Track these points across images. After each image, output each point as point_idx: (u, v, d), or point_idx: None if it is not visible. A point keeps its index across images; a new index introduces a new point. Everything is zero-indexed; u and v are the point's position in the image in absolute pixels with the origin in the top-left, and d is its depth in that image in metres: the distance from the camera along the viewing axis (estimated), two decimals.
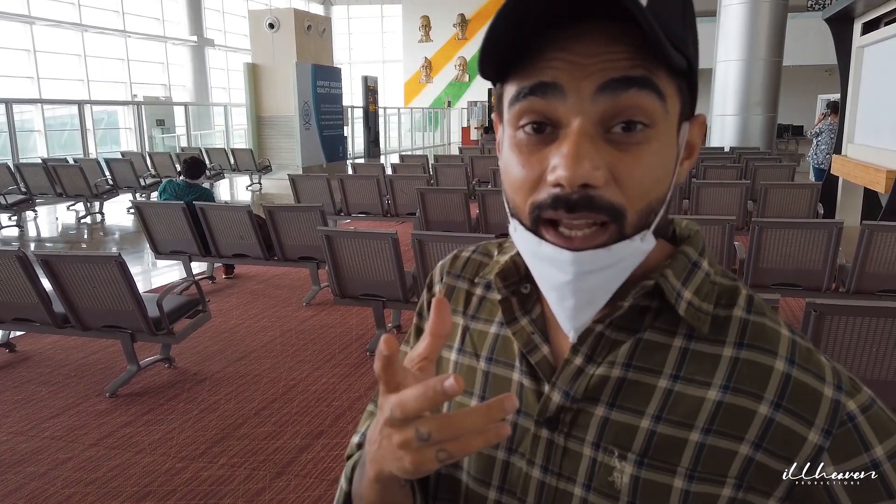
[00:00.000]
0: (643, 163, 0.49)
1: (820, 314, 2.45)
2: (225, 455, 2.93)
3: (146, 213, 5.45)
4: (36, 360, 4.10)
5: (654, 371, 0.55)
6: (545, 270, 0.53)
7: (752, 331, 0.55)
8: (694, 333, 0.56)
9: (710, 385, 0.54)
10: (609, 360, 0.57)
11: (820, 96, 16.31)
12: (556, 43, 0.49)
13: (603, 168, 0.48)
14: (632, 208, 0.50)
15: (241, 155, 13.23)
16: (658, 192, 0.51)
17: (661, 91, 0.49)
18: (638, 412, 0.55)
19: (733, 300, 0.57)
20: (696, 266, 0.58)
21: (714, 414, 0.53)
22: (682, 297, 0.56)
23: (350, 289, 4.20)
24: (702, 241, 0.60)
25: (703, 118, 0.57)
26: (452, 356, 0.67)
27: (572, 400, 0.57)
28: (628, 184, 0.49)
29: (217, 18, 23.16)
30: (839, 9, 7.48)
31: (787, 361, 0.54)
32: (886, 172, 5.97)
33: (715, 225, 4.24)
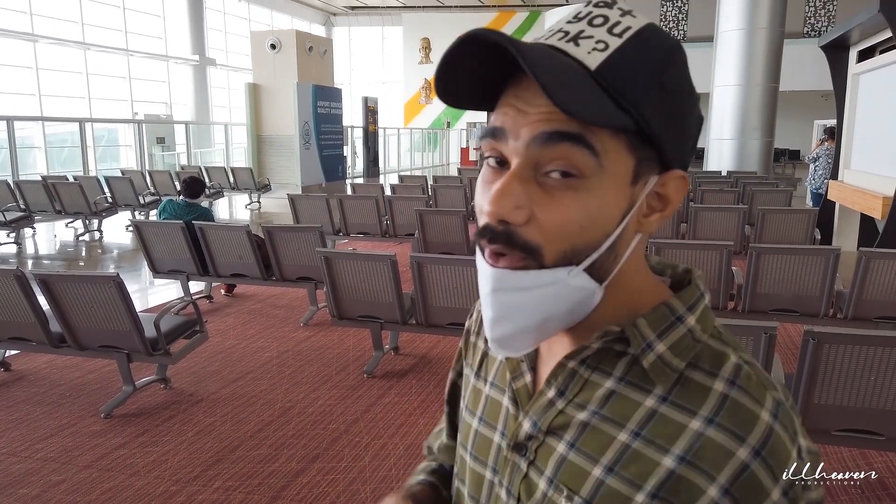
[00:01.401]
0: (565, 209, 0.52)
1: (818, 342, 2.45)
2: (220, 478, 2.91)
3: (145, 232, 5.46)
4: (31, 380, 4.07)
5: (618, 424, 0.56)
6: (480, 281, 0.57)
7: (728, 408, 0.53)
8: (668, 396, 0.55)
9: (667, 452, 0.53)
10: (578, 402, 0.59)
11: (816, 121, 16.44)
12: (515, 88, 0.54)
13: (526, 208, 0.52)
14: (549, 248, 0.53)
15: (241, 173, 13.27)
16: (585, 238, 0.53)
17: (593, 147, 0.51)
18: (593, 459, 0.56)
19: (717, 367, 0.56)
20: (679, 320, 0.57)
21: (664, 481, 0.53)
22: (653, 349, 0.56)
23: (348, 310, 4.19)
24: (697, 295, 0.59)
25: (682, 174, 0.57)
26: (472, 380, 0.74)
27: (538, 430, 0.60)
28: (546, 225, 0.52)
29: (219, 38, 23.37)
30: (835, 37, 7.57)
31: (752, 452, 0.51)
32: (883, 198, 6.01)
33: (713, 250, 4.25)
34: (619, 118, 0.51)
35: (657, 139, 0.53)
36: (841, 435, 2.60)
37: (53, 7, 16.61)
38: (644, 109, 0.52)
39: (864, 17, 6.30)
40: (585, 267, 0.54)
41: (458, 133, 28.03)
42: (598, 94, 0.51)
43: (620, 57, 0.52)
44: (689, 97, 0.56)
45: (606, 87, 0.51)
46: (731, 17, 11.79)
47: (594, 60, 0.52)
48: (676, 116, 0.54)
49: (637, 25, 0.54)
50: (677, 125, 0.55)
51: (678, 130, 0.55)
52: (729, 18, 11.83)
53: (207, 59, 21.17)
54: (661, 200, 0.57)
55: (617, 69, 0.52)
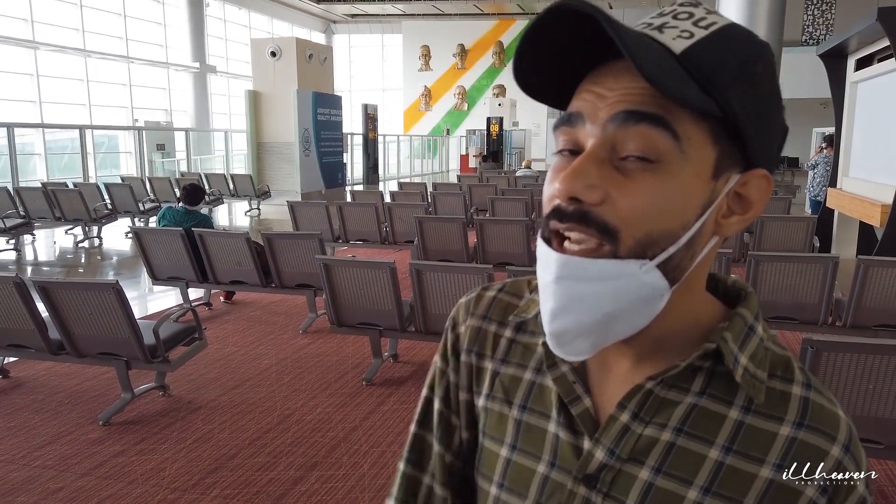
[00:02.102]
0: (643, 192, 0.50)
1: (817, 351, 2.45)
2: (218, 486, 2.90)
3: (144, 239, 5.46)
4: (29, 387, 4.07)
5: (707, 440, 0.55)
6: (541, 272, 0.54)
7: (812, 411, 0.55)
8: (751, 406, 0.55)
9: (763, 462, 0.54)
10: (658, 422, 0.56)
11: (815, 129, 16.48)
12: (593, 77, 0.53)
13: (600, 188, 0.50)
14: (627, 232, 0.50)
15: (241, 180, 13.28)
16: (662, 225, 0.50)
17: (674, 130, 0.49)
18: (686, 481, 0.54)
19: (789, 373, 0.57)
20: (751, 330, 0.57)
21: (765, 492, 0.53)
22: (739, 362, 0.55)
23: (347, 317, 4.19)
24: (757, 303, 0.59)
25: (765, 174, 0.54)
26: (481, 402, 0.67)
27: (616, 458, 0.56)
28: (624, 209, 0.50)
29: (219, 45, 23.44)
30: (833, 45, 7.60)
31: (843, 448, 0.54)
32: (881, 206, 6.01)
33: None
34: (704, 101, 0.49)
35: (742, 130, 0.51)
36: None
37: (54, 14, 16.67)
38: (729, 95, 0.50)
39: (861, 26, 6.32)
40: (660, 262, 0.50)
41: (458, 140, 28.08)
42: (683, 75, 0.49)
43: (706, 44, 0.50)
44: (776, 98, 0.54)
45: (692, 71, 0.49)
46: None
47: (679, 45, 0.50)
48: (762, 113, 0.52)
49: (722, 22, 0.52)
50: (763, 122, 0.53)
51: (764, 127, 0.53)
52: None
53: (208, 67, 21.24)
54: (741, 202, 0.54)
55: (703, 55, 0.50)
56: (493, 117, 24.20)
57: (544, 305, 0.53)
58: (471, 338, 0.69)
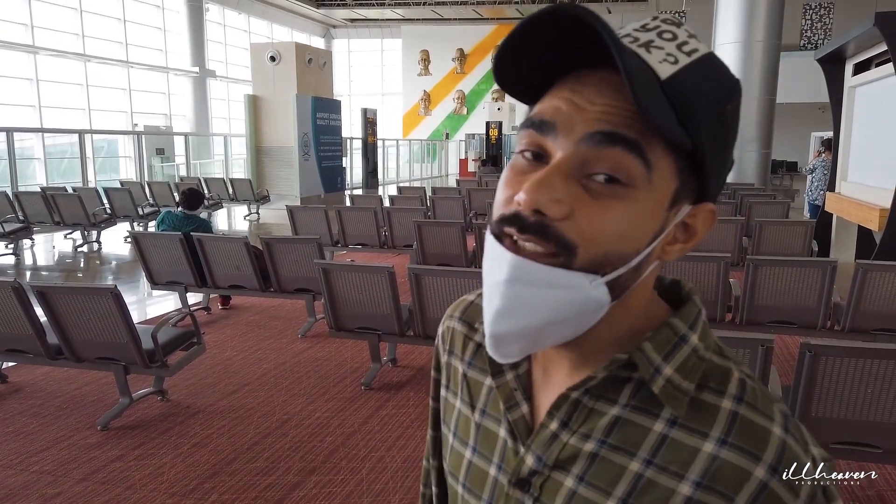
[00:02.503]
0: (608, 215, 0.50)
1: (815, 355, 2.46)
2: (216, 491, 2.89)
3: (143, 243, 5.46)
4: (27, 392, 4.06)
5: (629, 452, 0.54)
6: (489, 268, 0.53)
7: (739, 427, 0.52)
8: (677, 419, 0.54)
9: (682, 478, 0.52)
10: (583, 432, 0.56)
11: (814, 133, 16.51)
12: (572, 84, 0.52)
13: (565, 204, 0.49)
14: (584, 250, 0.50)
15: (240, 185, 13.29)
16: (619, 247, 0.51)
17: (647, 158, 0.49)
18: (605, 492, 0.54)
19: (723, 385, 0.55)
20: (682, 340, 0.55)
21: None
22: (662, 373, 0.54)
23: (346, 321, 4.19)
24: (696, 312, 0.58)
25: (712, 208, 0.55)
26: (457, 403, 0.69)
27: (544, 465, 0.57)
28: (585, 228, 0.49)
29: (219, 50, 23.48)
30: (831, 50, 7.62)
31: (768, 470, 0.51)
32: (880, 210, 6.02)
33: (710, 262, 4.26)
34: (681, 134, 0.49)
35: (706, 166, 0.52)
36: (838, 448, 2.60)
37: (54, 19, 16.70)
38: (702, 132, 0.50)
39: (859, 31, 6.34)
40: (609, 280, 0.51)
41: (457, 144, 28.11)
42: (665, 103, 0.49)
43: (689, 73, 0.50)
44: (735, 137, 0.55)
45: (672, 100, 0.49)
46: (728, 29, 11.86)
47: (665, 71, 0.50)
48: (723, 150, 0.53)
49: (703, 50, 0.52)
50: (723, 159, 0.54)
51: (722, 164, 0.54)
52: (725, 31, 11.91)
53: (207, 71, 21.27)
54: (686, 231, 0.55)
55: (685, 85, 0.50)
56: (493, 121, 24.24)
57: (489, 305, 0.53)
58: (444, 337, 0.73)
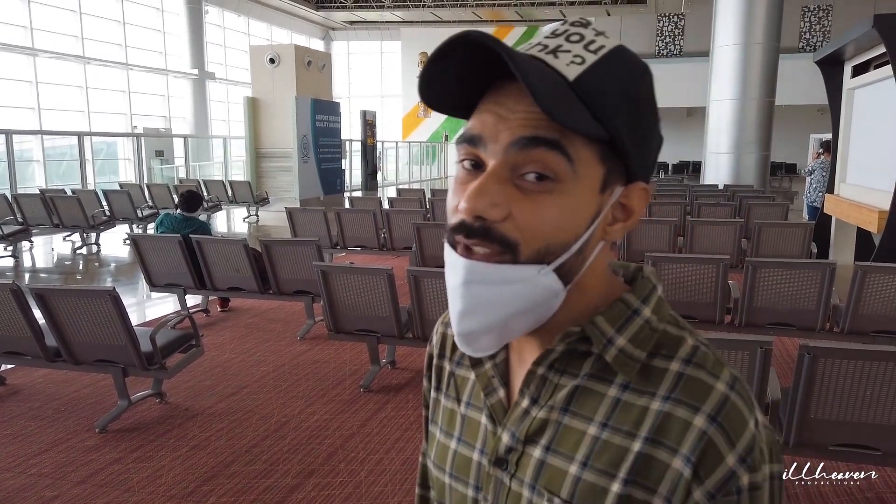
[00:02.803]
0: (542, 209, 0.54)
1: (814, 357, 2.45)
2: (214, 494, 2.89)
3: (142, 246, 5.45)
4: (26, 394, 4.05)
5: (587, 418, 0.58)
6: (448, 274, 0.58)
7: (683, 384, 0.56)
8: (629, 384, 0.58)
9: (635, 436, 0.56)
10: (550, 405, 0.60)
11: (812, 135, 16.52)
12: (495, 95, 0.57)
13: (503, 206, 0.54)
14: (526, 245, 0.55)
15: (239, 187, 13.29)
16: (557, 237, 0.55)
17: (568, 154, 0.54)
18: (568, 457, 0.58)
19: (674, 351, 0.58)
20: (635, 313, 0.60)
21: (634, 465, 0.55)
22: (614, 343, 0.58)
23: (345, 324, 4.19)
24: (649, 288, 0.62)
25: (644, 186, 0.59)
26: (443, 400, 0.74)
27: (517, 441, 0.62)
28: (524, 224, 0.54)
29: (218, 52, 23.49)
30: (829, 52, 7.63)
31: (707, 419, 0.54)
32: (879, 212, 6.02)
33: (709, 264, 4.26)
34: (595, 127, 0.54)
35: (626, 151, 0.56)
36: (837, 450, 2.60)
37: (53, 22, 16.70)
38: (616, 122, 0.55)
39: (858, 33, 6.35)
40: (555, 267, 0.56)
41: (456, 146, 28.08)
42: (576, 102, 0.53)
43: (596, 71, 0.55)
44: (654, 116, 0.59)
45: (583, 98, 0.54)
46: (727, 32, 11.87)
47: (573, 72, 0.54)
48: (643, 132, 0.58)
49: (610, 45, 0.56)
50: (644, 140, 0.58)
51: (644, 145, 0.58)
52: (725, 34, 11.92)
53: (207, 73, 21.27)
54: (624, 211, 0.59)
55: (593, 82, 0.54)
56: None
57: (452, 307, 0.58)
58: (438, 343, 0.77)
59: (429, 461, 0.75)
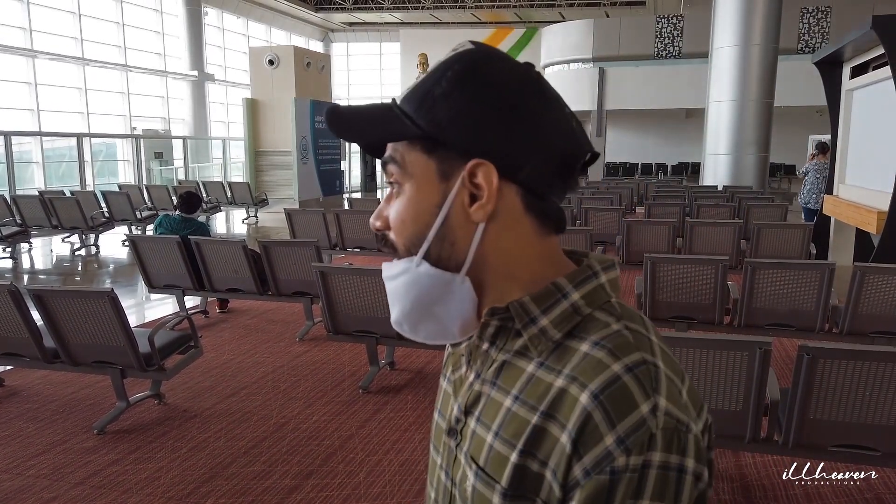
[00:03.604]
0: (394, 210, 0.66)
1: (813, 357, 2.45)
2: (213, 495, 2.88)
3: (140, 247, 5.45)
4: (24, 396, 4.05)
5: (506, 391, 0.62)
6: None
7: (584, 363, 0.58)
8: (545, 361, 0.61)
9: (536, 410, 0.58)
10: (486, 378, 0.65)
11: (811, 137, 16.52)
12: None
13: (382, 218, 0.68)
14: (398, 241, 0.66)
15: (239, 188, 13.29)
16: (410, 230, 0.65)
17: (398, 161, 0.65)
18: (488, 427, 0.62)
19: (591, 333, 0.60)
20: (564, 297, 0.62)
21: (531, 437, 0.58)
22: (537, 323, 0.62)
23: (344, 325, 4.18)
24: (586, 275, 0.64)
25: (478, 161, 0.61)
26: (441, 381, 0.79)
27: (461, 412, 0.67)
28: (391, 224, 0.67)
29: (218, 54, 23.49)
30: (828, 53, 7.63)
31: (591, 396, 0.55)
32: (877, 213, 6.02)
33: (708, 265, 4.26)
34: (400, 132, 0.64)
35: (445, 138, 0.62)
36: (836, 450, 2.59)
37: (52, 24, 16.70)
38: (435, 115, 0.61)
39: (856, 34, 6.35)
40: (423, 256, 0.64)
41: None
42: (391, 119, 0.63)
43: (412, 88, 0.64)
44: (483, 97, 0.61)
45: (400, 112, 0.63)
46: (726, 33, 11.88)
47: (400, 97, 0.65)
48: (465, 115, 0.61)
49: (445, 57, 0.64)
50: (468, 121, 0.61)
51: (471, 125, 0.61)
52: (723, 35, 11.92)
53: (206, 75, 21.27)
54: (480, 190, 0.62)
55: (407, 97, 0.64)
56: None
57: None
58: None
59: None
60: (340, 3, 25.40)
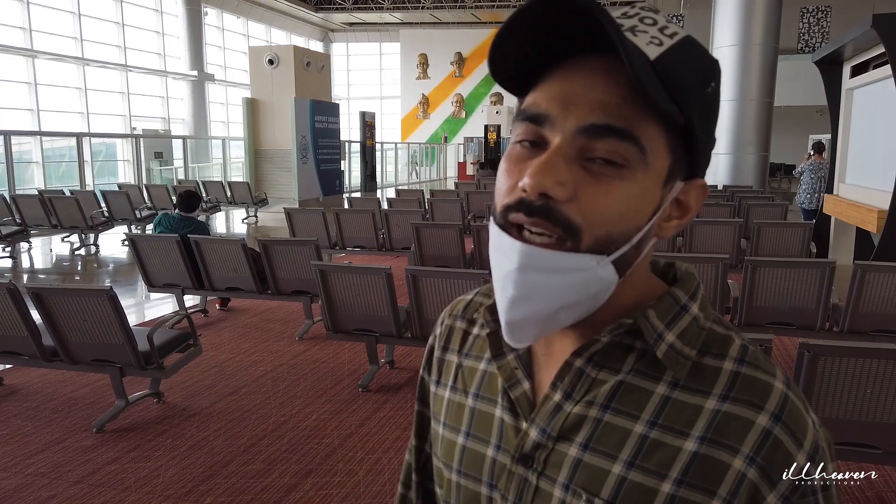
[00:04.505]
0: (609, 195, 0.52)
1: (814, 355, 2.44)
2: (212, 494, 2.87)
3: (140, 246, 5.44)
4: (23, 394, 4.04)
5: (632, 415, 0.55)
6: (499, 259, 0.54)
7: (741, 383, 0.55)
8: (679, 382, 0.56)
9: (688, 435, 0.53)
10: (587, 400, 0.57)
11: (811, 136, 16.52)
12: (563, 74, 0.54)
13: (569, 186, 0.51)
14: (588, 231, 0.52)
15: (238, 188, 13.28)
16: (620, 226, 0.53)
17: (641, 144, 0.52)
18: (611, 456, 0.55)
19: (724, 350, 0.57)
20: (684, 309, 0.58)
21: (688, 465, 0.53)
22: (664, 339, 0.56)
23: (343, 323, 4.17)
24: (695, 284, 0.60)
25: (703, 184, 0.57)
26: (447, 394, 0.70)
27: (548, 437, 0.58)
28: (589, 208, 0.51)
29: (217, 54, 23.48)
30: (828, 52, 7.63)
31: (771, 417, 0.53)
32: (878, 212, 6.02)
33: (709, 263, 4.25)
34: (674, 110, 0.51)
35: (695, 141, 0.54)
36: (837, 448, 2.59)
37: (52, 24, 16.70)
38: (690, 108, 0.52)
39: (856, 33, 6.35)
40: (614, 259, 0.53)
41: (456, 148, 28.12)
42: (657, 82, 0.50)
43: (674, 54, 0.52)
44: (717, 113, 0.57)
45: (663, 79, 0.50)
46: (726, 32, 11.88)
47: (653, 52, 0.51)
48: (709, 125, 0.55)
49: (682, 33, 0.54)
50: (709, 133, 0.56)
51: (708, 139, 0.56)
52: (723, 34, 11.93)
53: (205, 75, 21.26)
54: (680, 208, 0.57)
55: (672, 64, 0.51)
56: (491, 125, 24.26)
57: (502, 293, 0.54)
58: (442, 335, 0.74)
59: (434, 458, 0.72)
60: (340, 3, 25.40)
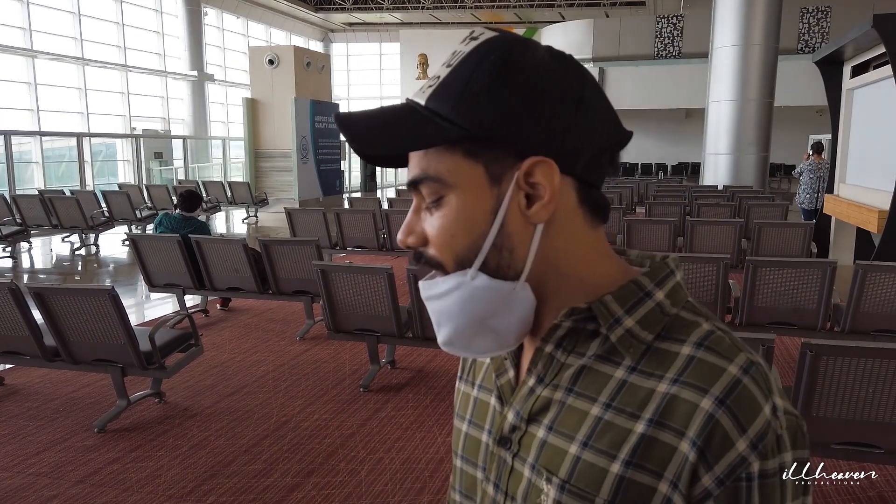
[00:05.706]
0: (437, 225, 0.59)
1: (816, 355, 2.44)
2: (213, 494, 2.87)
3: (141, 246, 5.44)
4: (24, 394, 4.04)
5: (591, 398, 0.58)
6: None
7: (693, 367, 0.55)
8: (637, 366, 0.57)
9: (638, 418, 0.55)
10: (554, 383, 0.61)
11: (811, 136, 16.52)
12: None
13: (418, 234, 0.61)
14: (444, 257, 0.60)
15: (239, 188, 13.28)
16: (461, 243, 0.58)
17: (433, 177, 0.58)
18: (569, 437, 0.58)
19: (686, 335, 0.57)
20: (647, 295, 0.59)
21: (636, 447, 0.54)
22: (622, 324, 0.58)
23: (344, 323, 4.17)
24: (665, 272, 0.61)
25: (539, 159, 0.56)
26: (462, 387, 0.75)
27: (521, 419, 0.62)
28: (433, 242, 0.60)
29: (217, 54, 23.48)
30: (829, 52, 7.63)
31: (715, 401, 0.53)
32: (878, 212, 6.02)
33: (710, 263, 4.25)
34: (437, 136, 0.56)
35: (493, 136, 0.56)
36: (839, 448, 2.59)
37: (52, 24, 16.69)
38: (480, 112, 0.56)
39: (857, 33, 6.35)
40: (479, 267, 0.58)
41: None
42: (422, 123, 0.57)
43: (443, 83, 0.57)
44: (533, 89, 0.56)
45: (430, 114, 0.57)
46: (726, 33, 11.87)
47: (424, 96, 0.58)
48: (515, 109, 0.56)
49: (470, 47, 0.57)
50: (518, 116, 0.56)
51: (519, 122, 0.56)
52: (723, 35, 11.92)
53: (206, 75, 21.25)
54: (537, 190, 0.57)
55: (437, 95, 0.57)
56: None
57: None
58: None
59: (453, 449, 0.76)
60: (340, 3, 25.40)
